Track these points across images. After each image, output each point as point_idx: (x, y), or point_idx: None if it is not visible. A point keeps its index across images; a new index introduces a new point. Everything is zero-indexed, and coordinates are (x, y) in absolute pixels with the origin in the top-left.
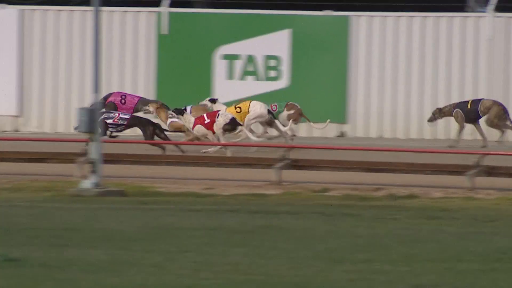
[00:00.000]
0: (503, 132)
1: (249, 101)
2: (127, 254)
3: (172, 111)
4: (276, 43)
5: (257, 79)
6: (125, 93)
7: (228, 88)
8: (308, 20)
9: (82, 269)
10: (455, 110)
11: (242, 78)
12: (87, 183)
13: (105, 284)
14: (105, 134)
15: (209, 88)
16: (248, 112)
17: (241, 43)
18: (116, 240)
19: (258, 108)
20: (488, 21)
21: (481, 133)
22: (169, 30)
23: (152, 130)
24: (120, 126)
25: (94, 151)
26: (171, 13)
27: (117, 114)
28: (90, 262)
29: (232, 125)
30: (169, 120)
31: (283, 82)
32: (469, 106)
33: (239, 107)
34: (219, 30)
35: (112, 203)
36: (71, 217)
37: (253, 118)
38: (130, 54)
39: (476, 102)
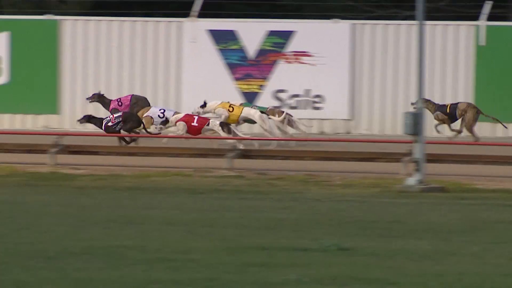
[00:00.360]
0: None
1: (243, 106)
2: (447, 244)
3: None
4: None
5: None
6: (119, 98)
7: None
8: None
9: (407, 258)
10: (436, 112)
11: None
12: (411, 180)
13: (428, 272)
14: (103, 129)
15: None
16: (241, 114)
17: None
18: (437, 231)
19: (253, 112)
20: None
21: (454, 131)
22: (487, 41)
23: (136, 124)
24: (119, 124)
25: (418, 151)
26: (488, 26)
27: (111, 116)
28: (414, 251)
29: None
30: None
31: None
32: (448, 110)
33: (232, 107)
34: None
35: (434, 198)
36: (397, 210)
37: (265, 122)
38: (451, 63)
39: (453, 106)
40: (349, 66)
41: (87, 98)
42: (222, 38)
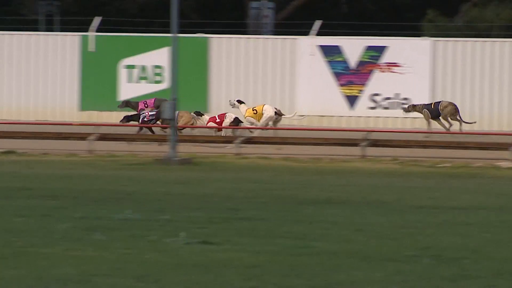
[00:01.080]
0: (450, 124)
1: (262, 105)
2: None
3: (194, 113)
4: None
5: None
6: (145, 100)
7: None
8: None
9: None
10: (424, 109)
11: None
12: None
13: None
14: (141, 128)
15: None
16: (262, 113)
17: None
18: None
19: (269, 111)
20: None
21: (443, 126)
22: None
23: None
24: (153, 120)
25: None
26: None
27: (146, 113)
28: None
29: (235, 122)
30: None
31: None
32: (432, 107)
33: (255, 110)
34: None
35: None
36: None
37: (266, 119)
38: None
39: (437, 103)
40: None
41: (118, 106)
42: None
